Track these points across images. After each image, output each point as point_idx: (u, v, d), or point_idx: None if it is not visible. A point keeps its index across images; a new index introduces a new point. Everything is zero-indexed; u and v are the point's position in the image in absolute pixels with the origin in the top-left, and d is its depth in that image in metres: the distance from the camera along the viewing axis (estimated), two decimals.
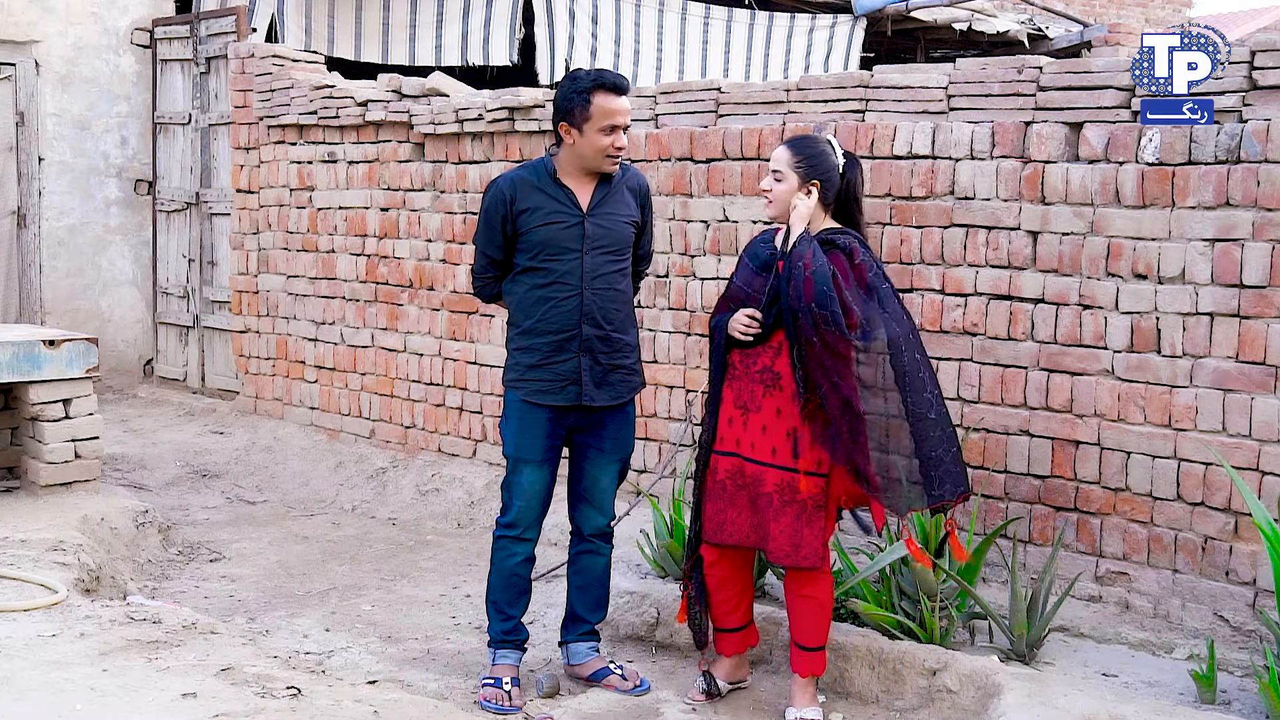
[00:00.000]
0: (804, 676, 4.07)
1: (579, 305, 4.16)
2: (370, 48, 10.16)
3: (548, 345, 4.18)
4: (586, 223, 4.16)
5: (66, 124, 9.53)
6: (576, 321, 4.16)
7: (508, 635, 4.31)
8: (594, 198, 4.19)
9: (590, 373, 4.19)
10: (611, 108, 4.09)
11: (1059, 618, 4.44)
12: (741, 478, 4.01)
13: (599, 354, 4.19)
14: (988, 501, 4.91)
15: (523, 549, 4.29)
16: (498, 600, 4.31)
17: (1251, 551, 4.28)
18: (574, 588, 4.42)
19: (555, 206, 4.16)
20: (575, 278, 4.15)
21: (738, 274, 4.16)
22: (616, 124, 4.10)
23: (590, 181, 4.21)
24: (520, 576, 4.30)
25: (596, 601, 4.42)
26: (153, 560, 5.76)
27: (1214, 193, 4.34)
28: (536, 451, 4.23)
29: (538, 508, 4.27)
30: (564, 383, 4.18)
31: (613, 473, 4.35)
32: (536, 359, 4.20)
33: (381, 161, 7.39)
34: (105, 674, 3.62)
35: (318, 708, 3.46)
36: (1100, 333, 4.63)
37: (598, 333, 4.18)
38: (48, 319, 9.29)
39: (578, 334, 4.17)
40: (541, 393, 4.20)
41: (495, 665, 4.28)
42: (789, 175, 3.98)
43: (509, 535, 4.28)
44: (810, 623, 4.03)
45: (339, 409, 7.68)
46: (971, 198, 4.95)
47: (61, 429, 5.84)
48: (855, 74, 5.43)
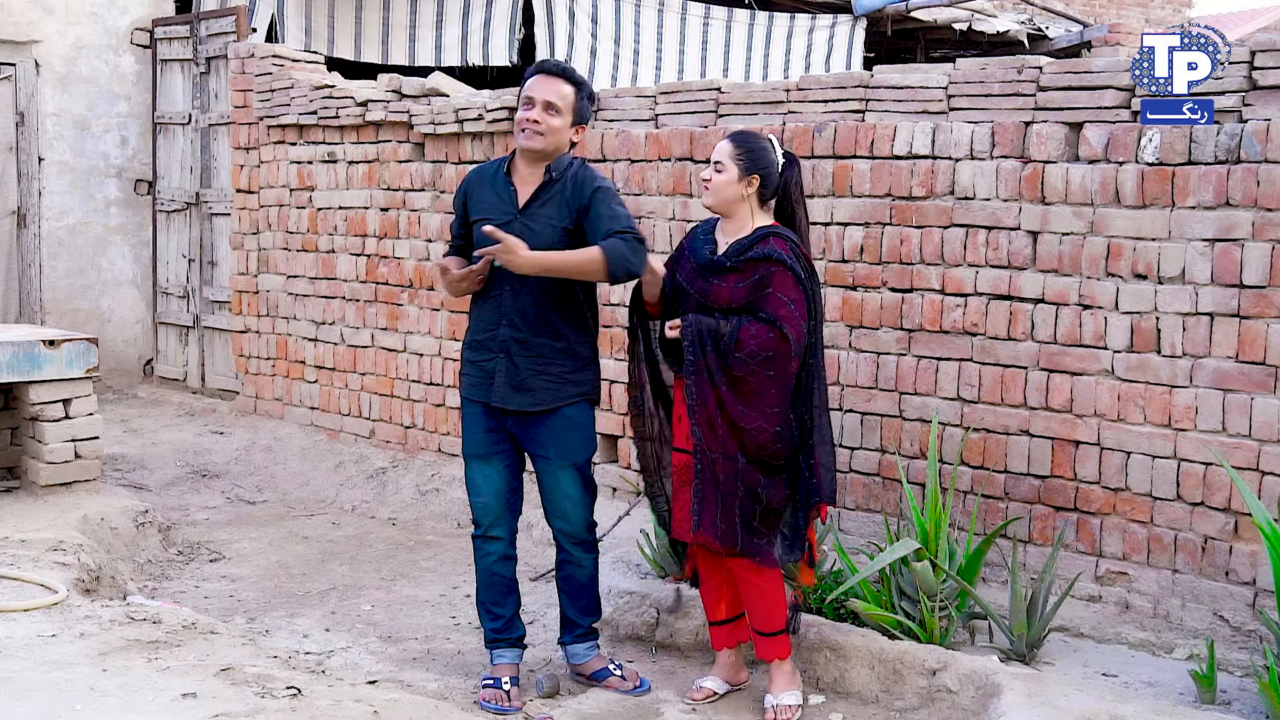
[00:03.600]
0: (769, 661, 4.13)
1: (499, 305, 4.15)
2: (370, 48, 10.16)
3: (479, 342, 4.22)
4: (516, 222, 4.11)
5: (66, 124, 9.53)
6: (496, 321, 4.16)
7: (500, 634, 4.31)
8: (531, 198, 4.15)
9: (506, 375, 4.14)
10: (528, 83, 4.14)
11: (1059, 618, 4.44)
12: (688, 473, 4.08)
13: (516, 357, 4.13)
14: (988, 501, 4.91)
15: (494, 547, 4.27)
16: (484, 601, 4.32)
17: (1251, 551, 4.28)
18: (562, 593, 4.40)
19: (495, 203, 4.17)
20: (499, 277, 4.12)
21: (680, 268, 4.17)
22: (530, 95, 4.10)
23: (535, 179, 4.16)
24: (499, 575, 4.29)
25: (587, 606, 4.40)
26: (153, 560, 5.76)
27: (1214, 193, 4.34)
28: (478, 446, 4.24)
29: (496, 505, 4.24)
30: (487, 380, 4.20)
31: (566, 480, 4.22)
32: (471, 355, 4.25)
33: (381, 161, 7.39)
34: (105, 674, 3.61)
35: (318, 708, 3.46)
36: (1100, 333, 4.63)
37: (516, 335, 4.13)
38: (48, 319, 9.29)
39: (496, 334, 4.16)
40: (471, 386, 4.25)
41: (494, 665, 4.28)
42: (730, 166, 4.04)
43: (478, 535, 4.29)
44: (764, 608, 4.08)
45: (339, 409, 7.67)
46: (971, 198, 4.95)
47: (61, 429, 5.84)
48: (855, 74, 5.43)
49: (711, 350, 3.95)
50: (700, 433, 3.99)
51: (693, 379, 3.99)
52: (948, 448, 4.94)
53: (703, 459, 4.00)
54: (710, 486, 3.99)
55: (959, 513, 4.90)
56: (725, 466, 3.97)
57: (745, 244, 4.03)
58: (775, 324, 3.91)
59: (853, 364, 5.30)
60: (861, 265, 5.27)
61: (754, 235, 4.04)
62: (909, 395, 5.13)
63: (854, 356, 5.29)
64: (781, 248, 3.99)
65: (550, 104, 4.09)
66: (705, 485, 3.99)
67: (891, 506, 5.11)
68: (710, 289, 4.05)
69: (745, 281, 3.99)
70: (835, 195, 5.34)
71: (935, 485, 4.48)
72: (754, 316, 3.95)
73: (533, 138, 4.09)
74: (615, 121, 6.24)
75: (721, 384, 3.95)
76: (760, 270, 3.97)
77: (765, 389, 3.94)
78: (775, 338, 3.91)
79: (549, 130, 4.09)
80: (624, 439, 6.13)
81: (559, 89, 4.10)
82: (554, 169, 4.14)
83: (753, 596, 4.09)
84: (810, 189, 5.40)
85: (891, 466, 5.13)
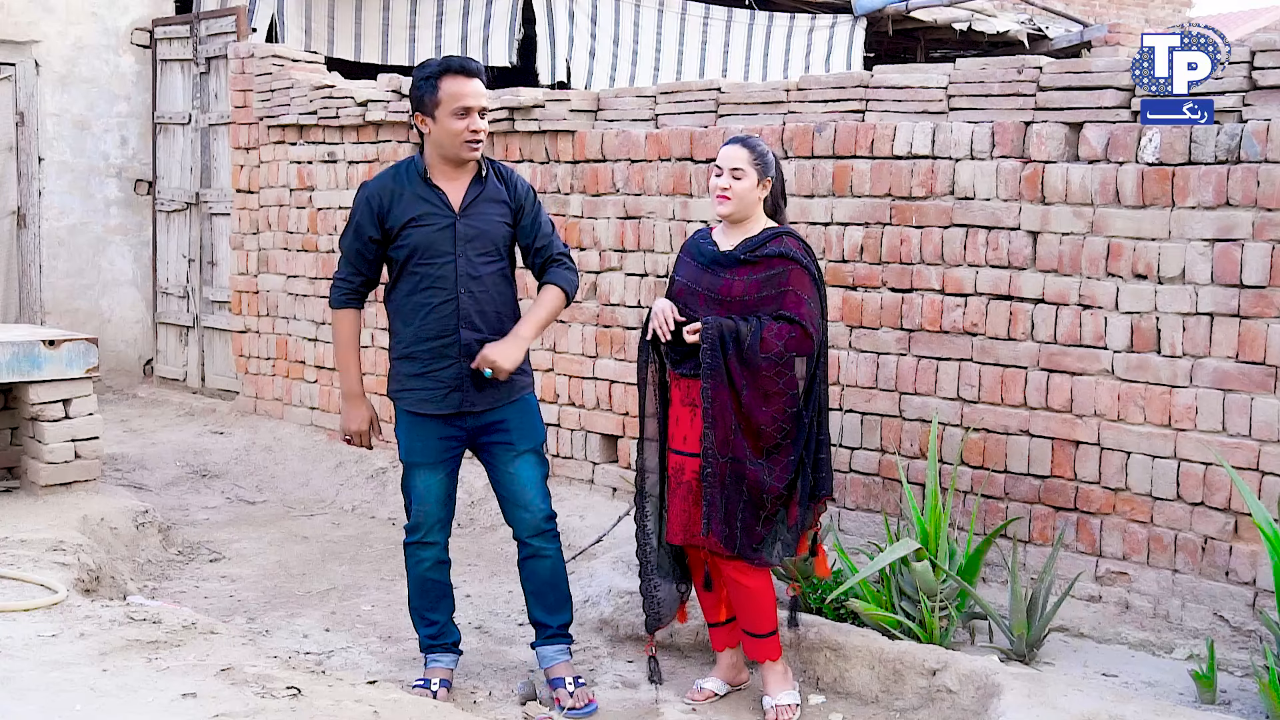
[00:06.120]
0: (761, 662, 4.13)
1: (456, 309, 4.05)
2: (370, 48, 10.16)
3: (427, 352, 4.07)
4: (459, 223, 4.05)
5: (66, 124, 9.53)
6: (455, 326, 4.05)
7: (435, 640, 4.29)
8: (466, 197, 4.08)
9: (472, 377, 4.08)
10: (460, 90, 3.96)
11: (1059, 618, 4.44)
12: (683, 474, 4.08)
13: None
14: (988, 501, 4.91)
15: (429, 553, 4.23)
16: (418, 607, 4.28)
17: (1251, 551, 4.28)
18: (528, 594, 4.32)
19: (426, 208, 4.05)
20: (450, 281, 4.03)
21: (679, 270, 4.19)
22: (468, 106, 3.97)
23: (462, 181, 4.09)
24: (433, 580, 4.25)
25: (555, 603, 4.30)
26: (153, 560, 5.76)
27: (1214, 193, 4.34)
28: (429, 454, 4.15)
29: (438, 511, 4.20)
30: (446, 390, 4.08)
31: (529, 464, 4.19)
32: (418, 368, 4.10)
33: (381, 161, 7.39)
34: (105, 674, 3.61)
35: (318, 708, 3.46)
36: (1100, 333, 4.63)
37: (477, 336, 4.07)
38: (48, 319, 9.29)
39: (456, 339, 4.06)
40: (425, 402, 4.10)
41: (427, 668, 4.27)
42: (750, 172, 4.05)
43: (413, 541, 4.23)
44: (754, 610, 4.08)
45: (339, 409, 7.65)
46: (971, 198, 4.95)
47: (61, 429, 5.83)
48: (855, 74, 5.43)
49: (734, 352, 3.95)
50: (712, 435, 3.98)
51: (710, 381, 3.97)
52: (948, 448, 4.94)
53: (713, 462, 3.99)
54: (718, 489, 3.99)
55: (959, 513, 4.90)
56: (733, 468, 3.98)
57: (757, 241, 4.06)
58: (797, 322, 3.94)
59: (853, 364, 5.30)
60: (861, 265, 5.27)
61: (764, 234, 4.07)
62: (909, 395, 5.13)
63: (854, 356, 5.29)
64: (795, 247, 4.04)
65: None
66: (714, 488, 3.99)
67: (891, 506, 5.11)
68: (722, 282, 4.05)
69: (758, 275, 4.01)
70: (835, 195, 5.34)
71: (935, 485, 4.48)
72: (772, 316, 3.96)
73: (475, 152, 4.05)
74: (615, 121, 6.24)
75: (742, 385, 3.95)
76: (776, 267, 4.00)
77: (784, 389, 3.96)
78: (799, 335, 3.95)
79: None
80: (624, 439, 6.13)
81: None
82: (483, 169, 4.11)
83: (743, 598, 4.10)
84: (810, 189, 5.41)
85: (891, 466, 5.13)
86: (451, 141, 4.00)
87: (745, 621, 4.13)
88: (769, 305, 3.98)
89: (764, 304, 3.99)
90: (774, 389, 3.96)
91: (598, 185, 6.27)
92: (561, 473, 6.40)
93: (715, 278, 4.07)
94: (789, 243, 4.04)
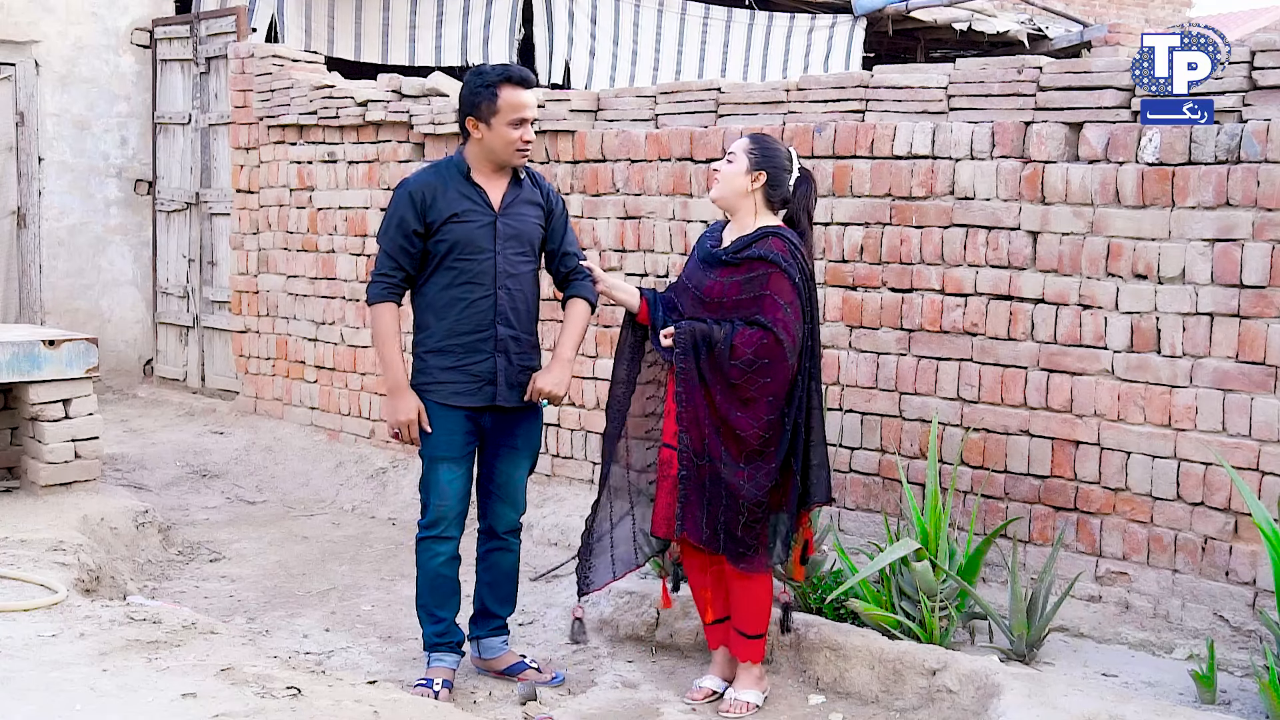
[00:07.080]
0: (743, 662, 4.15)
1: (493, 305, 4.15)
2: (370, 48, 10.16)
3: (462, 346, 4.16)
4: (499, 222, 4.15)
5: (66, 124, 9.53)
6: (491, 321, 4.15)
7: (441, 638, 4.30)
8: (505, 198, 4.19)
9: (505, 373, 4.18)
10: (519, 101, 4.09)
11: (1059, 618, 4.44)
12: (670, 468, 4.09)
13: (513, 354, 4.19)
14: (988, 501, 4.91)
15: (445, 548, 4.26)
16: (426, 604, 4.30)
17: (1251, 551, 4.28)
18: (484, 584, 4.40)
19: (468, 205, 4.14)
20: (489, 277, 4.14)
21: (686, 264, 4.26)
22: (524, 117, 4.10)
23: (501, 181, 4.20)
24: (445, 576, 4.28)
25: (507, 596, 4.42)
26: (153, 560, 5.76)
27: (1214, 193, 4.34)
28: (454, 449, 4.21)
29: (458, 506, 4.25)
30: (479, 384, 4.17)
31: (525, 469, 4.37)
32: (451, 361, 4.17)
33: (381, 161, 7.39)
34: (105, 674, 3.61)
35: (318, 708, 3.46)
36: (1100, 333, 4.63)
37: (511, 333, 4.18)
38: (48, 319, 9.29)
39: (492, 334, 4.16)
40: (458, 395, 4.18)
41: (430, 668, 4.28)
42: (740, 158, 4.06)
43: (430, 536, 4.26)
44: (750, 610, 4.09)
45: (339, 409, 7.67)
46: (971, 198, 4.95)
47: (61, 429, 5.83)
48: (855, 74, 5.43)
49: (705, 357, 3.96)
50: (687, 437, 4.00)
51: (683, 386, 4.00)
52: (948, 448, 4.94)
53: (688, 462, 4.00)
54: (694, 489, 4.00)
55: (959, 513, 4.90)
56: (710, 470, 3.98)
57: (746, 241, 4.04)
58: (769, 329, 3.91)
59: (853, 364, 5.30)
60: (861, 265, 5.27)
61: (755, 234, 4.04)
62: (909, 395, 5.13)
63: (854, 356, 5.29)
64: (779, 248, 3.98)
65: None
66: (689, 487, 4.01)
67: (891, 506, 5.11)
68: (705, 282, 4.07)
69: (738, 277, 4.00)
70: (835, 195, 5.34)
71: (935, 485, 4.48)
72: (747, 321, 3.94)
73: (525, 159, 4.22)
74: (615, 121, 6.24)
75: (716, 389, 3.95)
76: (756, 270, 3.98)
77: (760, 395, 3.94)
78: (770, 343, 3.91)
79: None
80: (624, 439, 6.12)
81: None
82: (520, 171, 4.24)
83: (742, 598, 4.10)
84: None
85: (891, 466, 5.13)
86: (505, 149, 4.13)
87: (738, 620, 4.13)
88: (747, 309, 3.97)
89: (742, 307, 3.98)
90: (751, 394, 3.94)
91: (598, 185, 6.27)
92: (561, 473, 6.40)
93: (704, 276, 4.09)
94: (773, 244, 3.99)
